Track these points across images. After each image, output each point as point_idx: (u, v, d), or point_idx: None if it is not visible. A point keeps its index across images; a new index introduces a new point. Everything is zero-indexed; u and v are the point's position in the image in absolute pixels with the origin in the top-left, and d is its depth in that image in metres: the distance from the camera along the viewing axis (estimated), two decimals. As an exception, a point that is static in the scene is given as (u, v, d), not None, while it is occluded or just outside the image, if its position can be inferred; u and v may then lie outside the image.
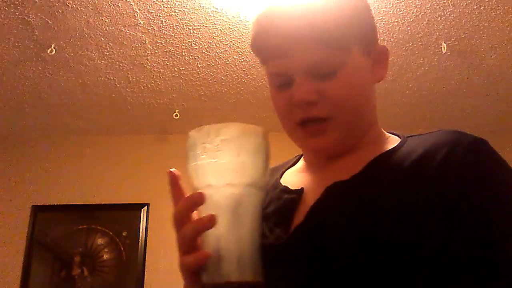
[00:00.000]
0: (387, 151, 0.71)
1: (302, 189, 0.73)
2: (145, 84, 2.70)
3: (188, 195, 0.59)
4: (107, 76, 2.61)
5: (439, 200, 0.60)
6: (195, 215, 0.59)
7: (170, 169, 0.64)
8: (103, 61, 2.48)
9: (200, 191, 0.57)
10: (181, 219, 0.57)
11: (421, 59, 2.53)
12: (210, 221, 0.54)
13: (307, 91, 0.67)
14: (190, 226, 0.56)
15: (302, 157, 0.83)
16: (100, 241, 3.06)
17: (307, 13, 0.67)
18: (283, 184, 0.77)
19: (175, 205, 0.60)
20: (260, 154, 0.58)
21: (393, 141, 0.74)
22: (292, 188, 0.74)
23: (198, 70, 2.58)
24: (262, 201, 0.59)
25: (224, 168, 0.57)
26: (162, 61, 2.49)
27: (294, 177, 0.79)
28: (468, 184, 0.61)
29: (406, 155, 0.68)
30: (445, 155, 0.64)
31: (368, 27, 0.74)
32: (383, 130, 0.79)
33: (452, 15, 2.19)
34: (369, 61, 0.73)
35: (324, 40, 0.66)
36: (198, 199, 0.57)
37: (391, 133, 0.79)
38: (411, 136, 0.74)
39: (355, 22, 0.70)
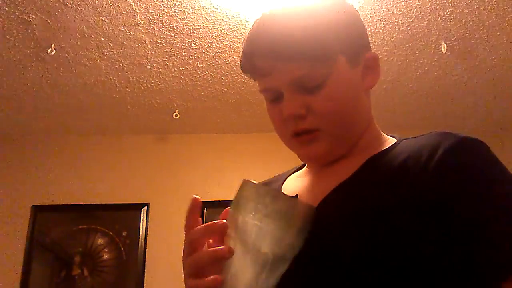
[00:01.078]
0: (376, 153, 0.72)
1: (296, 196, 0.75)
2: (145, 84, 2.70)
3: (212, 222, 0.61)
4: (107, 76, 2.61)
5: (421, 203, 0.60)
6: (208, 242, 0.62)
7: (195, 196, 0.67)
8: (103, 61, 2.48)
9: (224, 221, 0.61)
10: (197, 241, 0.61)
11: (421, 59, 2.53)
12: (230, 252, 0.57)
13: (295, 106, 0.70)
14: (208, 252, 0.59)
15: None
16: (100, 241, 3.06)
17: (287, 31, 0.68)
18: (282, 190, 0.79)
19: (187, 230, 0.64)
20: (302, 234, 0.61)
21: (388, 144, 0.75)
22: (288, 195, 0.76)
23: (198, 70, 2.58)
24: (285, 269, 0.61)
25: (264, 235, 0.59)
26: (162, 61, 2.49)
27: (294, 182, 0.82)
28: (447, 186, 0.61)
29: (394, 159, 0.68)
30: (426, 157, 0.64)
31: (353, 35, 0.73)
32: (381, 132, 0.80)
33: (452, 15, 2.19)
34: (357, 69, 0.73)
35: (306, 56, 0.67)
36: (222, 228, 0.60)
37: (391, 136, 0.79)
38: (407, 138, 0.74)
39: (338, 33, 0.70)
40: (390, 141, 0.76)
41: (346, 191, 0.68)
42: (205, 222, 0.64)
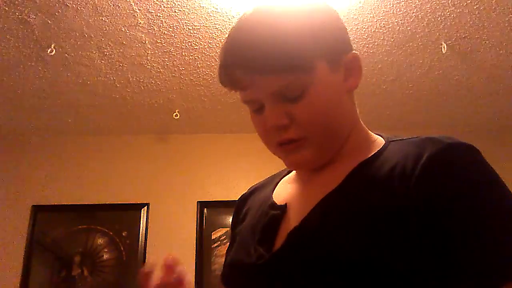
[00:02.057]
0: (363, 161, 0.70)
1: (285, 205, 0.74)
2: (145, 84, 2.70)
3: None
4: (107, 76, 2.61)
5: (407, 214, 0.59)
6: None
7: (169, 258, 0.73)
8: (103, 61, 2.48)
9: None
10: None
11: (421, 59, 2.53)
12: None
13: (277, 117, 0.69)
14: None
15: None
16: (100, 241, 3.06)
17: (264, 42, 0.66)
18: (273, 198, 0.79)
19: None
20: None
21: (376, 146, 0.74)
22: (277, 204, 0.75)
23: (198, 70, 2.58)
24: None
25: None
26: (162, 61, 2.49)
27: (283, 189, 0.81)
28: (430, 196, 0.59)
29: (381, 167, 0.67)
30: (411, 166, 0.62)
31: (332, 38, 0.71)
32: (369, 132, 0.78)
33: (452, 15, 2.19)
34: (339, 72, 0.72)
35: (285, 67, 0.66)
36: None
37: (378, 135, 0.77)
38: (394, 139, 0.73)
39: (316, 38, 0.68)
40: (378, 143, 0.75)
41: (334, 202, 0.67)
42: (205, 222, 0.65)
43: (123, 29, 2.24)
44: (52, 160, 3.24)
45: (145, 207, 3.11)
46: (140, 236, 3.05)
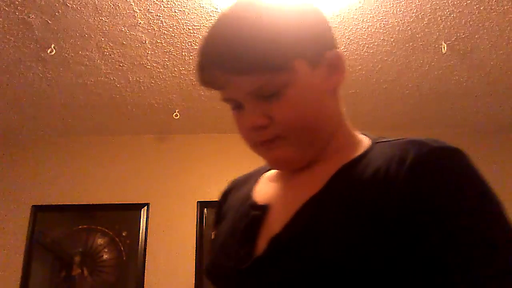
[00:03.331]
0: (347, 164, 0.69)
1: (267, 206, 0.72)
2: (145, 84, 2.70)
3: None
4: (107, 76, 2.61)
5: (389, 220, 0.58)
6: None
7: None
8: (103, 61, 2.48)
9: None
10: None
11: (421, 59, 2.53)
12: None
13: (256, 117, 0.67)
14: None
15: None
16: (100, 241, 3.06)
17: (240, 42, 0.64)
18: (254, 196, 0.77)
19: None
20: None
21: (361, 147, 0.72)
22: (258, 204, 0.74)
23: (198, 70, 2.58)
24: None
25: None
26: (162, 61, 2.49)
27: (265, 187, 0.79)
28: (412, 202, 0.58)
29: (365, 170, 0.65)
30: (394, 170, 0.61)
31: (312, 36, 0.69)
32: (354, 133, 0.76)
33: (452, 15, 2.19)
34: (320, 70, 0.69)
35: (262, 67, 0.64)
36: None
37: (365, 135, 0.76)
38: (379, 141, 0.71)
39: (295, 36, 0.66)
40: (363, 144, 0.73)
41: (318, 207, 0.65)
42: (205, 222, 0.64)
43: (123, 29, 2.24)
44: (52, 160, 3.24)
45: (145, 207, 3.11)
46: (140, 236, 3.05)
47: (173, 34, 2.29)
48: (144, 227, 3.07)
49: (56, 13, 2.12)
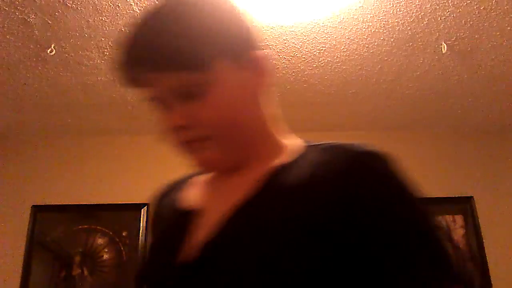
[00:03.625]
0: (280, 166, 0.69)
1: (195, 211, 0.72)
2: (145, 84, 2.70)
3: None
4: (107, 76, 2.61)
5: (322, 224, 0.59)
6: None
7: None
8: (103, 61, 2.48)
9: None
10: None
11: (421, 59, 2.53)
12: None
13: (178, 117, 0.67)
14: None
15: None
16: (100, 241, 3.06)
17: (159, 40, 0.63)
18: (183, 201, 0.77)
19: None
20: None
21: (292, 151, 0.72)
22: (188, 209, 0.74)
23: (198, 70, 2.58)
24: None
25: None
26: (162, 61, 2.49)
27: (195, 191, 0.78)
28: (341, 207, 0.59)
29: (295, 173, 0.66)
30: (319, 178, 0.62)
31: (233, 37, 0.68)
32: (285, 135, 0.76)
33: (452, 15, 2.19)
34: (245, 70, 0.69)
35: (181, 66, 0.63)
36: None
37: (300, 139, 0.76)
38: (311, 145, 0.71)
39: (216, 36, 0.66)
40: (294, 147, 0.73)
41: (248, 214, 0.64)
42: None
43: (123, 29, 2.24)
44: (52, 160, 3.24)
45: (145, 207, 3.11)
46: (140, 236, 3.05)
47: (173, 34, 2.29)
48: (144, 227, 3.07)
49: (56, 13, 2.12)
